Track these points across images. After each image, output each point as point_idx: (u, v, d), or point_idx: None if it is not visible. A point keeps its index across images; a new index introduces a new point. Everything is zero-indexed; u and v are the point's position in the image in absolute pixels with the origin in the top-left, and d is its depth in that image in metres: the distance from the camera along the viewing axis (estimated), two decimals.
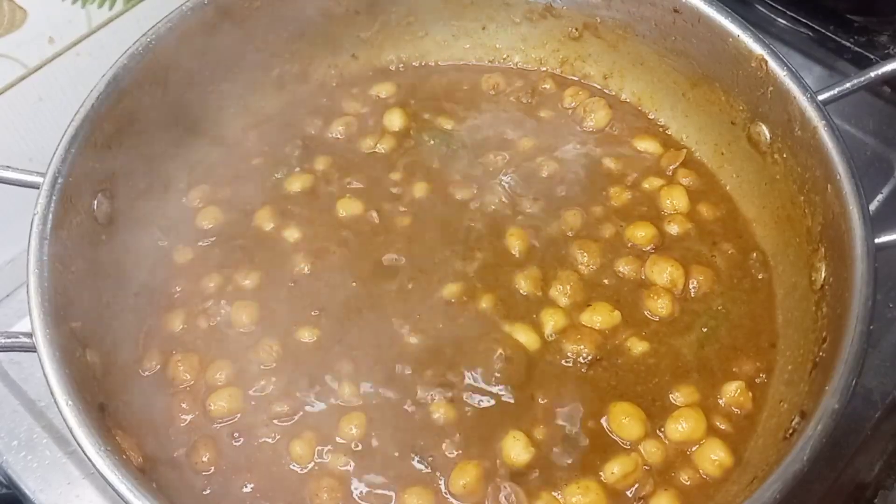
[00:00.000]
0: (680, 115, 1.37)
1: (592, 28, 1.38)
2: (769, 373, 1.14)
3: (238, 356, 1.15)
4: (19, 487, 1.23)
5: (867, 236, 1.02)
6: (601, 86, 1.43)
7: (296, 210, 1.28)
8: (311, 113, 1.40)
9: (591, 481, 1.05)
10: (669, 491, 1.05)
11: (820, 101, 1.13)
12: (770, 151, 1.22)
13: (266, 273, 1.22)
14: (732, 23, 1.21)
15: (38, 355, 0.98)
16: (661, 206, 1.29)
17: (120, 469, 0.92)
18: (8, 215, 1.28)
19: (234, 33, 1.30)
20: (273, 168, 1.33)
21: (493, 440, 1.08)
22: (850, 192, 1.06)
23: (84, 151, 1.11)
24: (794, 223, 1.18)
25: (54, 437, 1.26)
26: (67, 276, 1.06)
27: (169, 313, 1.19)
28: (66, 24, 1.31)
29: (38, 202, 1.06)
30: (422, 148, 1.36)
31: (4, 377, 1.31)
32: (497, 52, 1.47)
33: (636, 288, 1.21)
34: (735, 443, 1.09)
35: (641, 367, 1.14)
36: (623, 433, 1.09)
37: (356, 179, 1.32)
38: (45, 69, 1.32)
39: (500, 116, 1.40)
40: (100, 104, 1.14)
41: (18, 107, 1.32)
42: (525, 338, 1.15)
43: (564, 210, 1.28)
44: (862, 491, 1.24)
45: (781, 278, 1.21)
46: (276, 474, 1.07)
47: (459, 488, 1.04)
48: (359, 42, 1.43)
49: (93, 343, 1.07)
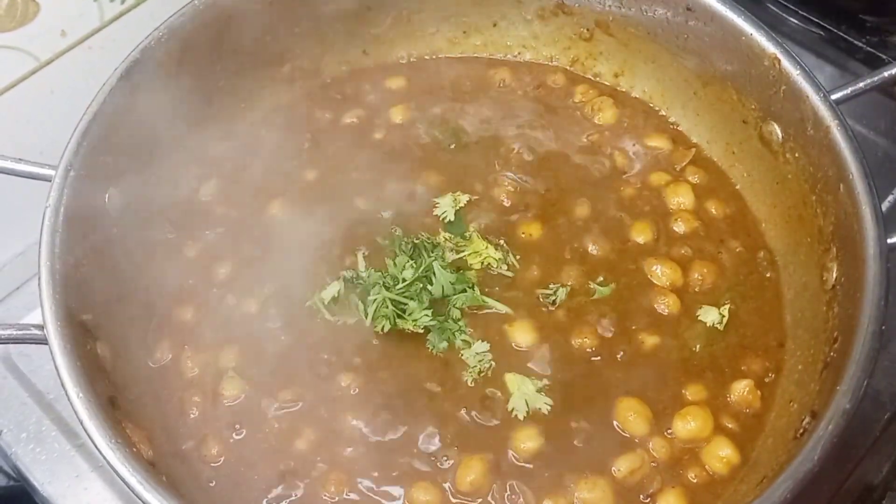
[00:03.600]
0: (691, 114, 1.37)
1: (604, 26, 1.38)
2: (778, 372, 1.14)
3: (248, 347, 1.16)
4: (28, 480, 1.23)
5: (879, 236, 1.02)
6: (612, 83, 1.43)
7: (307, 202, 1.28)
8: (321, 107, 1.40)
9: (598, 477, 1.06)
10: (677, 489, 1.06)
11: (833, 100, 1.13)
12: (782, 150, 1.22)
13: (278, 265, 1.22)
14: (745, 21, 1.21)
15: (49, 347, 0.98)
16: (668, 202, 1.29)
17: (130, 462, 0.92)
18: (19, 208, 1.28)
19: (245, 29, 1.30)
20: (283, 161, 1.33)
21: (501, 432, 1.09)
22: (862, 192, 1.05)
23: (96, 145, 1.12)
24: (806, 223, 1.18)
25: (63, 430, 1.26)
26: (79, 268, 1.06)
27: (179, 306, 1.20)
28: (79, 17, 1.31)
29: (49, 195, 1.07)
30: (431, 142, 1.36)
31: (14, 370, 1.32)
32: (508, 49, 1.47)
33: (642, 283, 1.21)
34: (743, 442, 1.09)
35: (649, 362, 1.14)
36: (629, 429, 1.09)
37: (366, 173, 1.32)
38: (58, 62, 1.32)
39: (509, 112, 1.40)
40: (112, 98, 1.14)
41: (30, 100, 1.32)
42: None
43: (572, 204, 1.28)
44: (870, 492, 1.24)
45: (792, 278, 1.21)
46: (284, 465, 1.08)
47: (466, 485, 1.05)
48: (370, 38, 1.43)
49: (103, 336, 1.07)
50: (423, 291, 1.16)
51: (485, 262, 1.22)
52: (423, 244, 1.21)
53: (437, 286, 1.17)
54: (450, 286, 1.17)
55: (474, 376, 1.13)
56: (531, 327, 1.17)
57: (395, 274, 1.17)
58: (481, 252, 1.22)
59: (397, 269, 1.17)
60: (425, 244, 1.21)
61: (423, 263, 1.17)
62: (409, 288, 1.15)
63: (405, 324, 1.14)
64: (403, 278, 1.16)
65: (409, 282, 1.16)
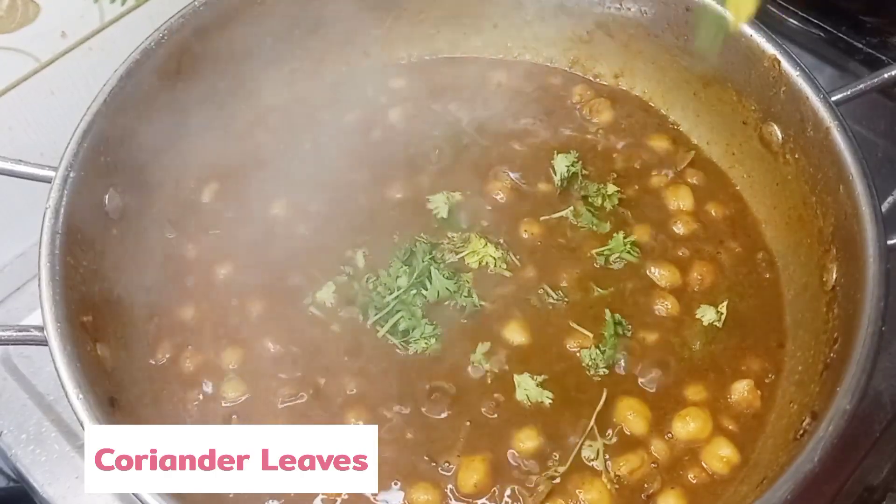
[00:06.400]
0: (691, 115, 1.37)
1: (604, 27, 1.38)
2: (778, 373, 1.15)
3: (249, 347, 1.16)
4: (28, 481, 1.23)
5: (879, 237, 1.02)
6: (612, 84, 1.43)
7: (307, 203, 1.29)
8: (321, 108, 1.40)
9: (596, 477, 1.06)
10: (676, 489, 1.06)
11: (833, 101, 1.13)
12: (782, 152, 1.22)
13: (277, 265, 1.23)
14: (745, 22, 1.21)
15: (50, 349, 0.98)
16: (667, 204, 1.29)
17: None
18: (19, 209, 1.29)
19: (246, 30, 1.30)
20: (284, 161, 1.33)
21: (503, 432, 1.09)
22: (862, 193, 1.06)
23: (96, 146, 1.11)
24: (806, 224, 1.18)
25: (63, 431, 1.26)
26: (79, 270, 1.06)
27: (180, 307, 1.20)
28: (79, 18, 1.31)
29: (49, 196, 1.06)
30: (431, 143, 1.36)
31: (14, 371, 1.32)
32: (508, 50, 1.47)
33: (641, 283, 1.21)
34: (743, 442, 1.09)
35: (650, 361, 1.15)
36: (629, 428, 1.09)
37: (366, 173, 1.32)
38: (58, 63, 1.32)
39: (509, 112, 1.40)
40: (112, 99, 1.14)
41: (30, 101, 1.32)
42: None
43: (572, 202, 1.28)
44: (870, 493, 1.24)
45: (792, 279, 1.21)
46: None
47: (470, 487, 1.05)
48: (371, 39, 1.43)
49: (104, 337, 1.07)
50: (418, 296, 1.17)
51: (483, 261, 1.22)
52: (420, 245, 1.21)
53: (433, 290, 1.17)
54: (446, 291, 1.18)
55: (480, 373, 1.14)
56: (530, 326, 1.17)
57: (390, 283, 1.18)
58: (479, 252, 1.22)
59: (391, 278, 1.18)
60: (422, 245, 1.21)
61: (417, 269, 1.18)
62: (404, 294, 1.16)
63: (416, 346, 1.15)
64: (398, 286, 1.17)
65: (403, 289, 1.16)
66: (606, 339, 1.15)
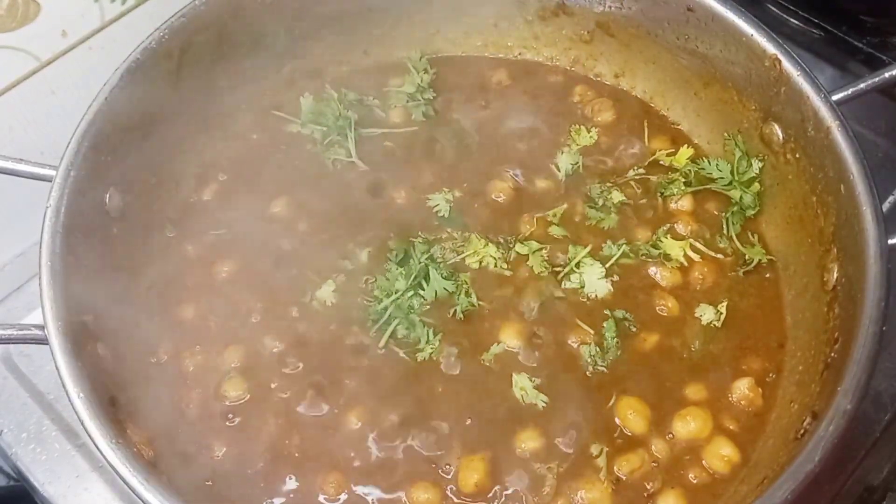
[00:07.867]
0: (692, 114, 1.37)
1: (605, 26, 1.38)
2: (778, 373, 1.15)
3: (249, 347, 1.16)
4: (28, 480, 1.23)
5: (880, 237, 1.02)
6: (612, 84, 1.43)
7: (307, 202, 1.29)
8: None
9: (597, 477, 1.06)
10: (677, 489, 1.06)
11: (833, 101, 1.13)
12: (783, 151, 1.22)
13: (278, 264, 1.23)
14: (746, 22, 1.21)
15: (50, 348, 0.98)
16: (668, 203, 1.29)
17: (131, 462, 0.92)
18: (19, 208, 1.29)
19: (246, 30, 1.30)
20: (284, 161, 1.33)
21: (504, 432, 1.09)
22: (863, 193, 1.05)
23: (97, 145, 1.12)
24: (806, 223, 1.18)
25: (63, 430, 1.26)
26: (79, 269, 1.06)
27: (181, 305, 1.20)
28: (79, 17, 1.31)
29: (50, 195, 1.07)
30: (431, 142, 1.36)
31: (14, 370, 1.32)
32: (508, 50, 1.47)
33: (642, 283, 1.21)
34: (744, 442, 1.09)
35: (649, 361, 1.15)
36: (629, 428, 1.09)
37: (367, 172, 1.32)
38: (58, 63, 1.32)
39: (509, 112, 1.40)
40: (112, 98, 1.14)
41: (31, 100, 1.32)
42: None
43: (572, 201, 1.29)
44: (870, 493, 1.24)
45: (792, 279, 1.21)
46: (285, 465, 1.08)
47: (471, 487, 1.05)
48: (371, 39, 1.42)
49: (104, 336, 1.07)
50: (416, 297, 1.17)
51: (483, 261, 1.22)
52: (416, 245, 1.21)
53: (430, 290, 1.17)
54: (443, 291, 1.18)
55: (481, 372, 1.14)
56: (529, 326, 1.17)
57: (387, 287, 1.18)
58: (479, 252, 1.22)
59: (389, 283, 1.18)
60: (419, 245, 1.21)
61: (414, 269, 1.18)
62: (400, 298, 1.17)
63: (423, 354, 1.15)
64: (396, 289, 1.17)
65: (401, 292, 1.17)
66: (607, 339, 1.15)
